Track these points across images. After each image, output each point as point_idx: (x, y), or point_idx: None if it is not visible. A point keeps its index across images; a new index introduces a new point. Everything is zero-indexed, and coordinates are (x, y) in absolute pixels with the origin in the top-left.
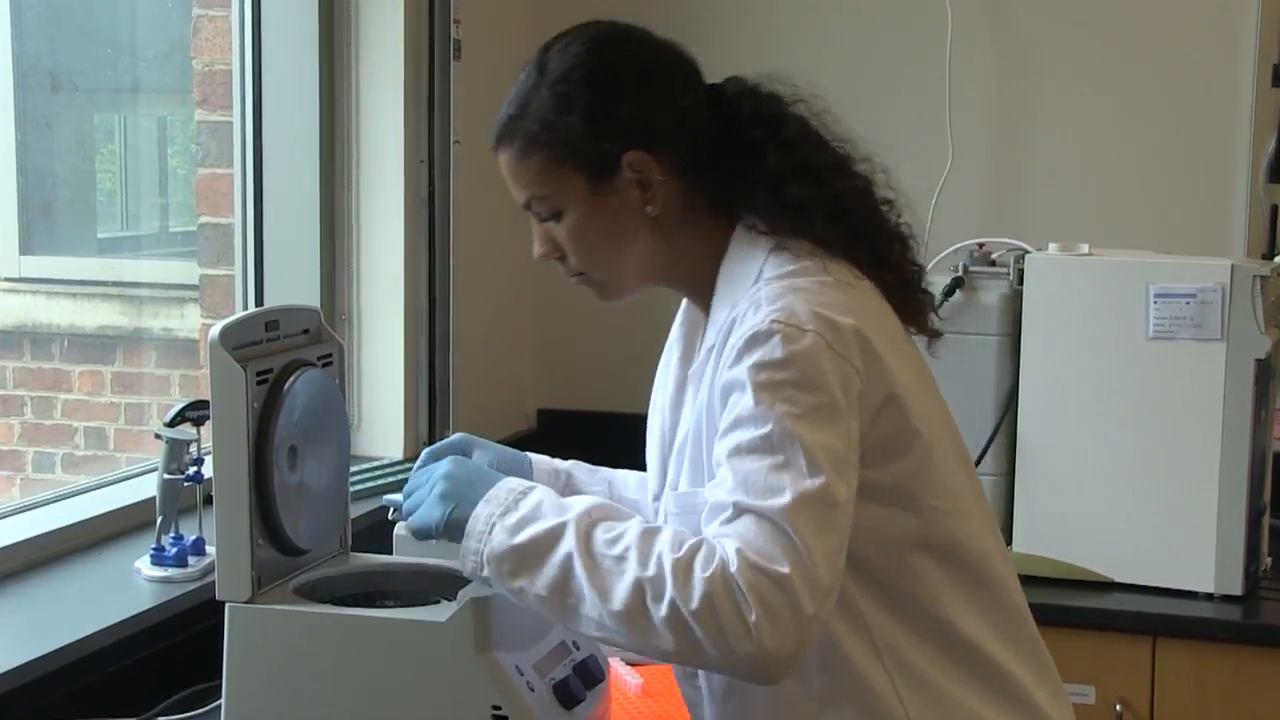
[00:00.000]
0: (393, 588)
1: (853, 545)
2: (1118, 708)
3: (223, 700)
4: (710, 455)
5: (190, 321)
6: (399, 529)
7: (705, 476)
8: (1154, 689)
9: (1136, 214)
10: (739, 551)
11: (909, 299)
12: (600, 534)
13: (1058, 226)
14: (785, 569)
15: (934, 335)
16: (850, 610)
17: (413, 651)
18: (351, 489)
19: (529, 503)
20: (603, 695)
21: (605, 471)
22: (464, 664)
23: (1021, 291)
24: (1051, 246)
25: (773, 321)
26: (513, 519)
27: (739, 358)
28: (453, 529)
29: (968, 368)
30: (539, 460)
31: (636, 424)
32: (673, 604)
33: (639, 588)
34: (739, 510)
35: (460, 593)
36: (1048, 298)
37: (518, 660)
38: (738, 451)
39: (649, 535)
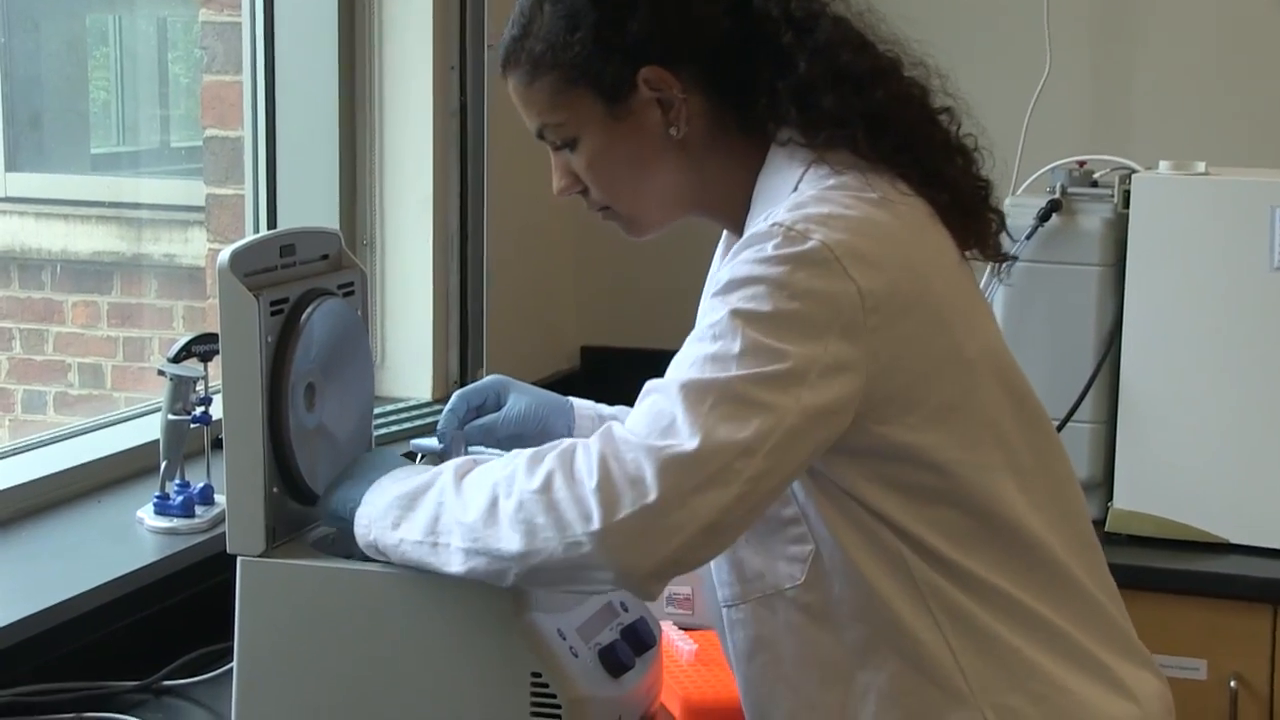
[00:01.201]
0: None
1: (877, 499)
2: (1232, 684)
3: (234, 664)
4: None
5: (195, 247)
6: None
7: None
8: (1275, 664)
9: (1259, 128)
10: (608, 425)
11: (971, 218)
12: (474, 471)
13: (1169, 142)
14: (648, 439)
15: (1001, 259)
16: (886, 550)
17: (444, 612)
18: (375, 433)
19: (420, 471)
20: (653, 662)
21: (625, 412)
22: (500, 626)
23: (1127, 216)
24: (1162, 165)
25: (774, 224)
26: (404, 480)
27: (733, 257)
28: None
29: (1064, 302)
30: (581, 406)
31: None
32: (520, 494)
33: (493, 490)
34: (646, 391)
35: None
36: (1157, 223)
37: (560, 623)
38: (687, 341)
39: (520, 453)
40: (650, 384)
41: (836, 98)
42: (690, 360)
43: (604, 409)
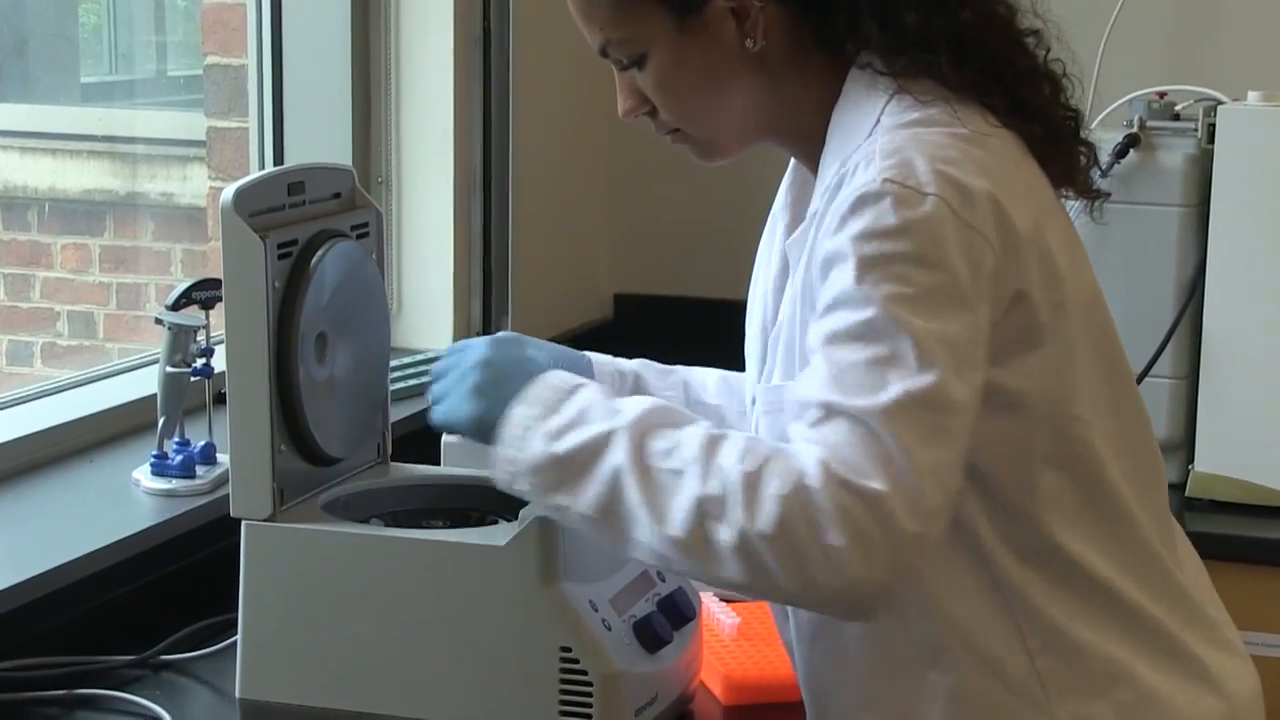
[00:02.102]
0: (441, 505)
1: (978, 464)
2: None
3: (239, 636)
4: (805, 343)
5: (195, 185)
6: (448, 434)
7: (799, 368)
8: None
9: None
10: (822, 463)
11: (1062, 152)
12: (656, 443)
13: (1259, 71)
14: (879, 485)
15: (1095, 196)
16: (967, 539)
17: (465, 581)
18: (392, 386)
19: (574, 405)
20: (692, 637)
21: (680, 371)
22: (527, 597)
23: (1211, 152)
24: (1251, 96)
25: (885, 180)
26: (554, 423)
27: (842, 223)
28: (484, 430)
29: (1142, 246)
30: (600, 361)
31: (734, 312)
32: (739, 527)
33: (699, 508)
34: (829, 411)
35: (522, 512)
36: (1245, 159)
37: (591, 593)
38: (834, 339)
39: (713, 444)
40: (827, 400)
41: (919, 16)
42: (862, 367)
43: (623, 364)
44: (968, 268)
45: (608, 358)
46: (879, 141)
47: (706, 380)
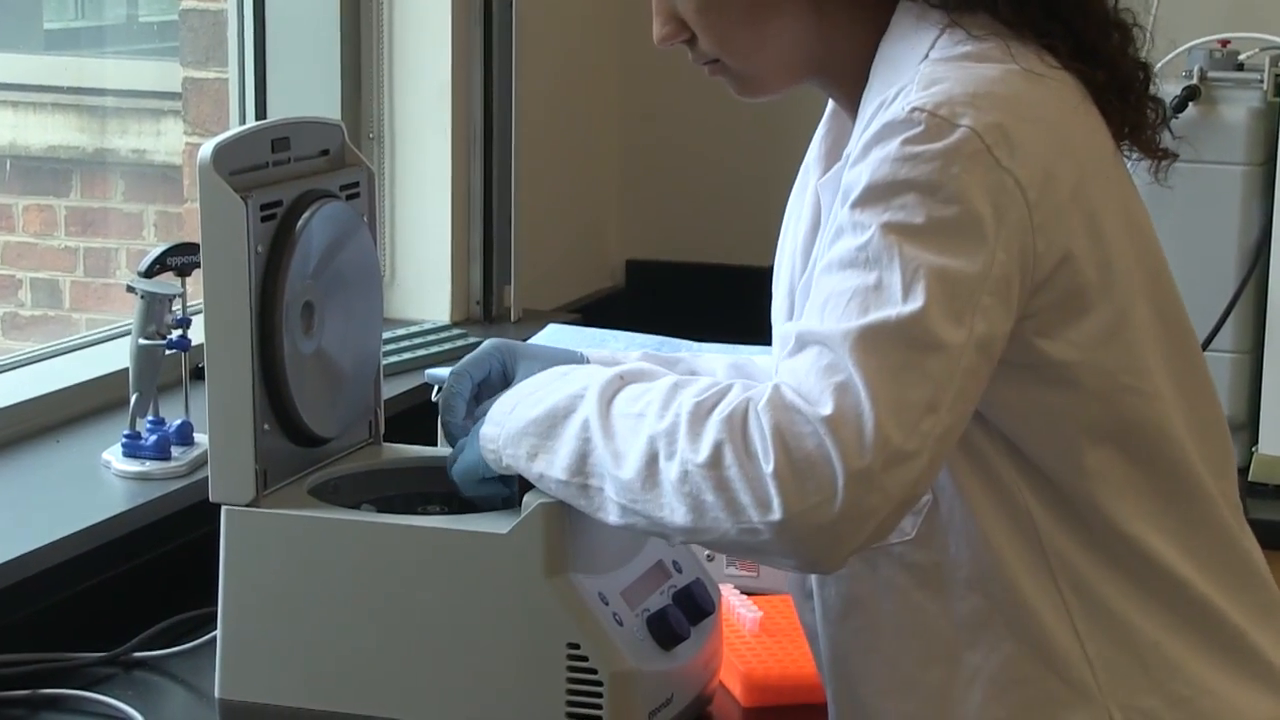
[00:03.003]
0: (439, 489)
1: (1020, 437)
2: None
3: (218, 632)
4: None
5: (170, 140)
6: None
7: None
8: None
9: None
10: (776, 387)
11: (1128, 105)
12: (626, 392)
13: None
14: (826, 410)
15: (1162, 155)
16: (1017, 513)
17: (464, 573)
18: (385, 361)
19: (561, 374)
20: (711, 632)
21: (687, 361)
22: (531, 589)
23: (1279, 105)
24: None
25: (913, 109)
26: (538, 393)
27: (865, 152)
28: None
29: (1201, 208)
30: (598, 359)
31: (755, 280)
32: (681, 459)
33: (650, 446)
34: (801, 340)
35: (526, 497)
36: None
37: (601, 585)
38: (828, 268)
39: (680, 384)
40: (802, 329)
41: None
42: (847, 295)
43: (624, 360)
44: (990, 210)
45: (607, 355)
46: (922, 72)
47: (715, 367)
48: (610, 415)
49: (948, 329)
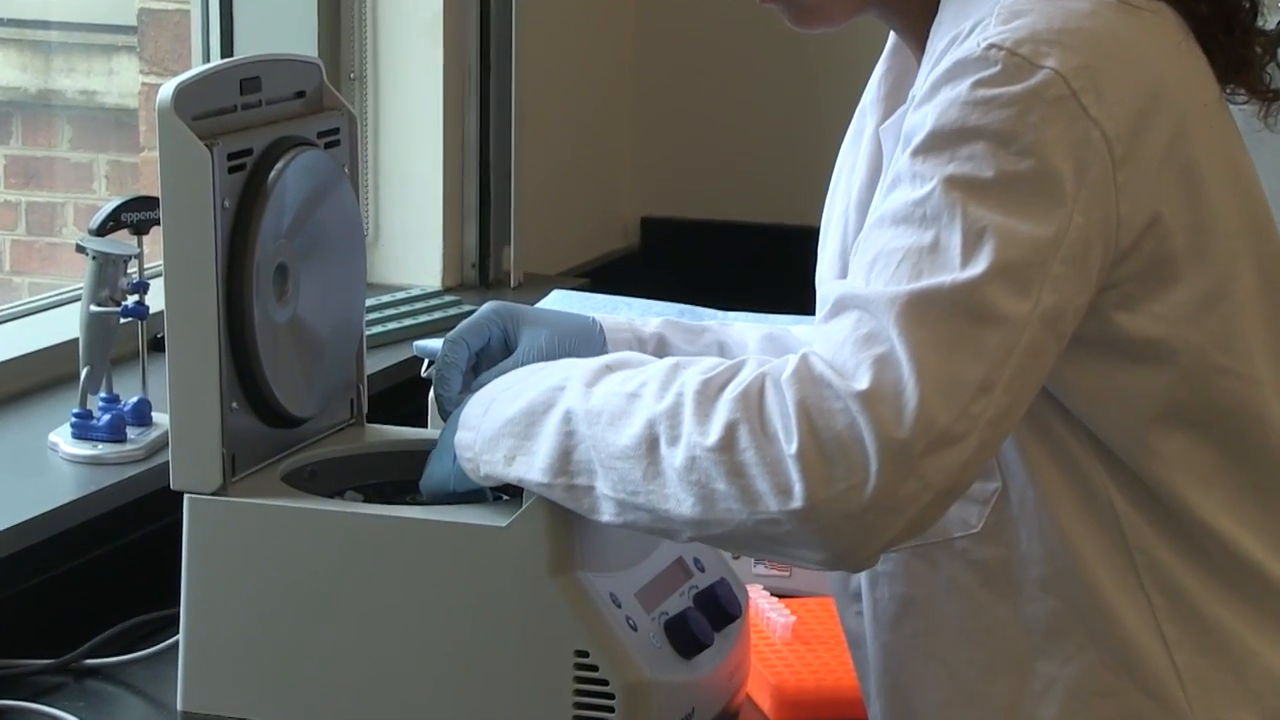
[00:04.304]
0: None
1: (1094, 421)
2: None
3: (180, 637)
4: None
5: (124, 80)
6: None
7: None
8: None
9: None
10: (805, 356)
11: (1234, 41)
12: (614, 376)
13: None
14: (861, 385)
15: (1272, 97)
16: (1097, 502)
17: (458, 571)
18: (368, 331)
19: (541, 369)
20: (737, 639)
21: (715, 329)
22: (534, 589)
23: None
24: None
25: (990, 46)
26: (513, 389)
27: (932, 93)
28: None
29: None
30: (614, 325)
31: (788, 239)
32: (688, 442)
33: (649, 429)
34: (840, 303)
35: None
36: None
37: (613, 585)
38: (879, 222)
39: (682, 365)
40: (844, 291)
41: None
42: (898, 255)
43: (643, 326)
44: (1071, 165)
45: (624, 320)
46: (1001, 3)
47: (747, 338)
48: (596, 401)
49: (1010, 300)
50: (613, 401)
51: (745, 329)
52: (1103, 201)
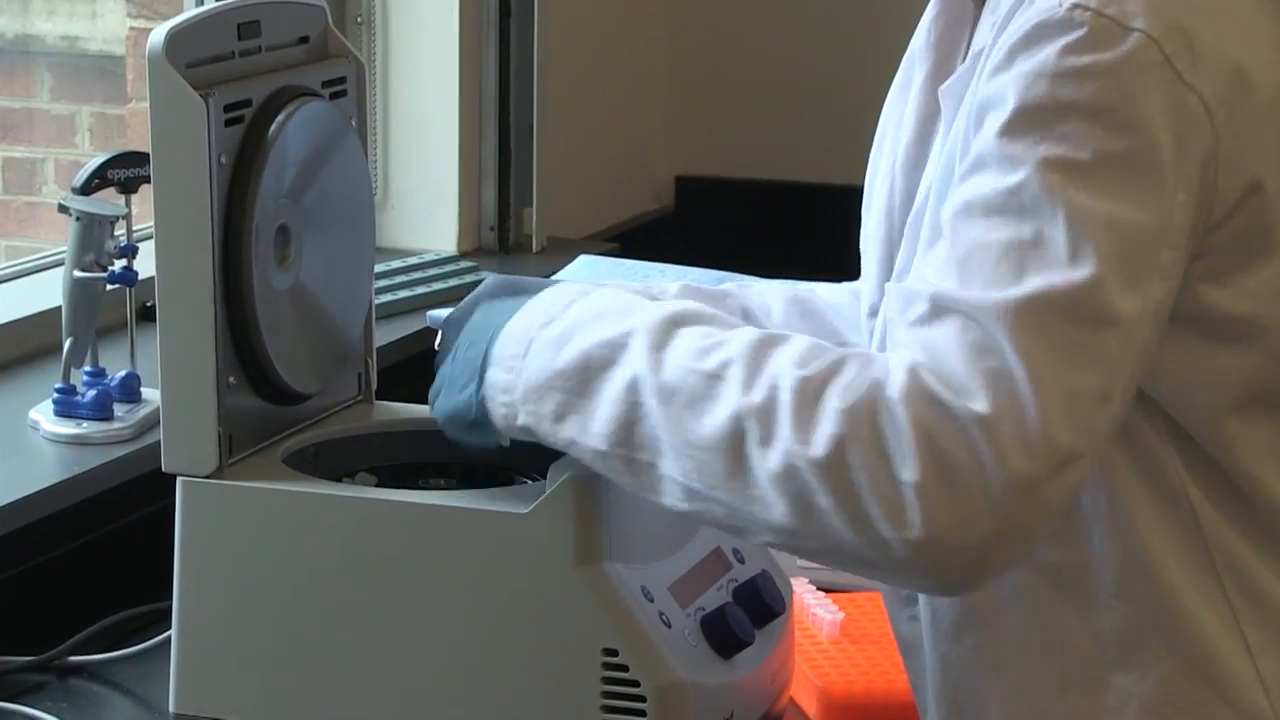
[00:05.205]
0: (443, 458)
1: (1173, 406)
2: None
3: (173, 632)
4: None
5: (109, 24)
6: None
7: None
8: None
9: None
10: (911, 370)
11: None
12: (686, 341)
13: None
14: (980, 406)
15: None
16: (1173, 498)
17: (475, 561)
18: (377, 300)
19: (585, 305)
20: (780, 637)
21: (736, 294)
22: (558, 582)
23: None
24: None
25: (1075, 6)
26: (557, 330)
27: (1009, 59)
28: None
29: None
30: (628, 291)
31: (831, 199)
32: (786, 450)
33: (736, 423)
34: (937, 306)
35: (552, 468)
36: None
37: (645, 577)
38: (966, 210)
39: (766, 343)
40: (938, 291)
41: None
42: (995, 251)
43: (657, 294)
44: (1171, 137)
45: (638, 288)
46: None
47: (770, 302)
48: (668, 372)
49: (1124, 298)
50: (689, 380)
51: (767, 292)
52: (1201, 173)
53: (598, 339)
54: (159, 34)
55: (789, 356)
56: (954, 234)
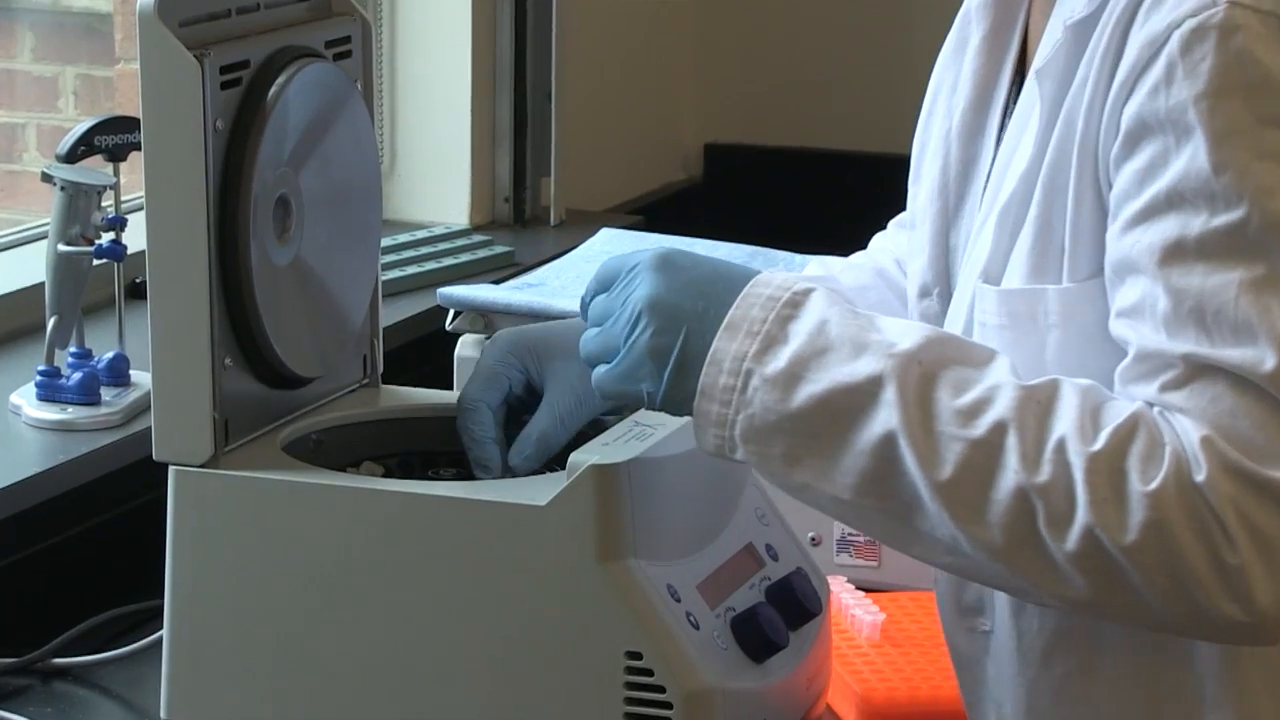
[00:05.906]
0: (453, 446)
1: None
2: None
3: (164, 633)
4: (1079, 229)
5: None
6: (463, 345)
7: (1066, 264)
8: None
9: None
10: (1207, 443)
11: None
12: (945, 394)
13: None
14: None
15: None
16: None
17: (489, 557)
18: (384, 277)
19: (804, 328)
20: (816, 641)
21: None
22: (578, 580)
23: None
24: None
25: (1233, 4)
26: (782, 362)
27: (1169, 74)
28: (679, 402)
29: None
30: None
31: (873, 168)
32: (1086, 529)
33: (1022, 502)
34: (1194, 367)
35: (572, 457)
36: None
37: (672, 575)
38: (1176, 254)
39: (1033, 400)
40: (1194, 352)
41: None
42: (1234, 297)
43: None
44: None
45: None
46: None
47: (841, 275)
48: (934, 432)
49: None
50: (955, 449)
51: (842, 270)
52: None
53: (836, 383)
54: None
55: (1067, 423)
56: (1168, 283)
